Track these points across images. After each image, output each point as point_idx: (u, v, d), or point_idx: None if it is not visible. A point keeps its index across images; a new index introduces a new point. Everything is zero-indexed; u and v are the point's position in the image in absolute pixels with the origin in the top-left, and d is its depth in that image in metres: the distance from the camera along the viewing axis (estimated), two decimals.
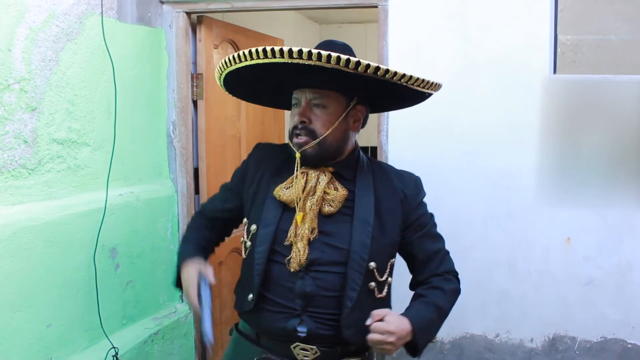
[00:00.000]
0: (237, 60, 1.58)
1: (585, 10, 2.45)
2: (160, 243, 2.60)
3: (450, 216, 2.55)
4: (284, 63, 1.49)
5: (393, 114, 2.56)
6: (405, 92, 1.65)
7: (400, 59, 2.54)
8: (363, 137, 4.71)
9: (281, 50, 1.47)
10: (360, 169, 1.73)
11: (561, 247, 2.52)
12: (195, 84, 2.80)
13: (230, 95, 1.93)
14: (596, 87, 2.45)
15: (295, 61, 1.47)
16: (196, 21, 2.81)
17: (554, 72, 2.48)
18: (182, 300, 2.77)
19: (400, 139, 2.57)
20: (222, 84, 1.79)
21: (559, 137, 2.49)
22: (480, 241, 2.56)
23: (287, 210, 1.66)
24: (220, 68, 1.69)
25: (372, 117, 2.71)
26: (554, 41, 2.47)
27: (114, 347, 2.17)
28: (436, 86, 1.68)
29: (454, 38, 2.52)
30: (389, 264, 1.70)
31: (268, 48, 1.49)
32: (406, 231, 1.72)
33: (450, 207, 2.55)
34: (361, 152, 1.78)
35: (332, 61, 1.45)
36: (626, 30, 2.43)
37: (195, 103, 2.82)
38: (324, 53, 1.45)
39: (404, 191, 1.73)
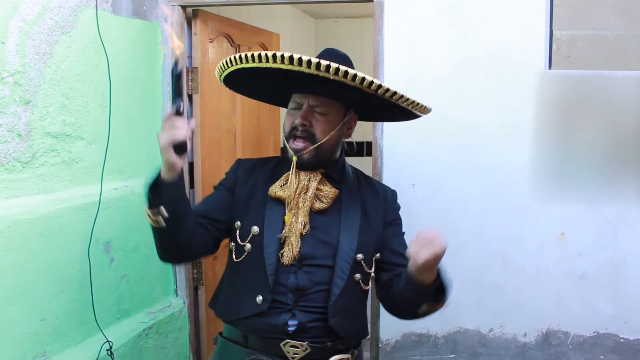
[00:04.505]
0: (246, 61, 1.60)
1: (581, 5, 2.46)
2: None
3: (445, 211, 2.56)
4: (292, 70, 1.53)
5: None
6: (399, 109, 1.72)
7: (396, 53, 2.54)
8: (359, 132, 4.70)
9: (291, 58, 1.51)
10: (347, 172, 1.81)
11: (555, 242, 2.53)
12: (190, 78, 2.79)
13: (226, 90, 1.95)
14: (591, 83, 2.45)
15: (302, 70, 1.51)
16: (191, 15, 2.80)
17: (549, 67, 2.48)
18: (176, 294, 2.77)
19: (395, 133, 2.57)
20: (222, 81, 1.82)
21: (553, 132, 2.50)
22: (474, 236, 2.56)
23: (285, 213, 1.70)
24: (222, 66, 1.71)
25: None
26: (550, 36, 2.47)
27: (108, 341, 2.16)
28: (426, 109, 1.76)
29: (450, 33, 2.52)
30: (374, 258, 1.75)
31: (278, 54, 1.53)
32: (385, 229, 1.79)
33: (444, 201, 2.56)
34: (345, 160, 1.85)
35: (340, 74, 1.51)
36: (621, 26, 2.43)
37: (190, 97, 2.82)
38: (335, 67, 1.50)
39: (385, 195, 1.83)
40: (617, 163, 2.46)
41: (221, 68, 1.74)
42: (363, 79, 1.52)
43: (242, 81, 1.80)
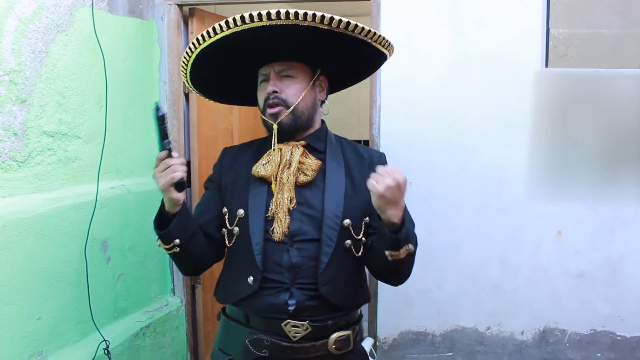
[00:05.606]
0: (202, 40, 1.65)
1: (578, 4, 2.46)
2: (152, 236, 2.53)
3: (442, 210, 2.56)
4: (252, 34, 1.59)
5: (385, 108, 2.56)
6: (363, 55, 1.77)
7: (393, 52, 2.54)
8: (355, 131, 4.71)
9: (234, 20, 1.59)
10: (329, 141, 1.81)
11: (552, 241, 2.53)
12: None
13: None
14: (588, 81, 2.46)
15: (247, 27, 1.58)
16: (188, 13, 2.79)
17: (546, 65, 2.48)
18: (173, 293, 2.77)
19: (392, 132, 2.57)
20: (189, 81, 1.84)
21: (550, 130, 2.50)
22: (472, 235, 2.57)
23: (270, 191, 1.72)
24: (185, 56, 1.73)
25: (364, 111, 2.72)
26: (546, 35, 2.47)
27: (105, 341, 2.16)
28: (390, 47, 1.79)
29: (447, 32, 2.52)
30: (363, 222, 1.74)
31: (230, 19, 1.60)
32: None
33: (442, 201, 2.56)
34: (328, 129, 1.86)
35: (291, 17, 1.57)
36: (618, 24, 2.44)
37: (187, 96, 2.81)
38: (284, 10, 1.58)
39: (371, 159, 1.82)
40: (614, 161, 2.47)
41: (185, 58, 1.75)
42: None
43: (205, 78, 1.83)
